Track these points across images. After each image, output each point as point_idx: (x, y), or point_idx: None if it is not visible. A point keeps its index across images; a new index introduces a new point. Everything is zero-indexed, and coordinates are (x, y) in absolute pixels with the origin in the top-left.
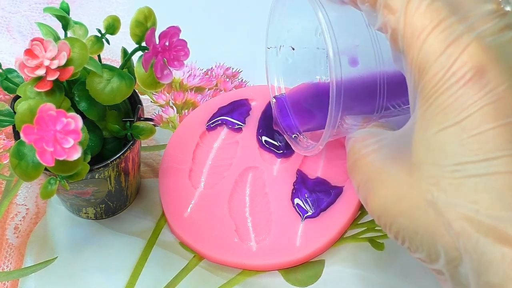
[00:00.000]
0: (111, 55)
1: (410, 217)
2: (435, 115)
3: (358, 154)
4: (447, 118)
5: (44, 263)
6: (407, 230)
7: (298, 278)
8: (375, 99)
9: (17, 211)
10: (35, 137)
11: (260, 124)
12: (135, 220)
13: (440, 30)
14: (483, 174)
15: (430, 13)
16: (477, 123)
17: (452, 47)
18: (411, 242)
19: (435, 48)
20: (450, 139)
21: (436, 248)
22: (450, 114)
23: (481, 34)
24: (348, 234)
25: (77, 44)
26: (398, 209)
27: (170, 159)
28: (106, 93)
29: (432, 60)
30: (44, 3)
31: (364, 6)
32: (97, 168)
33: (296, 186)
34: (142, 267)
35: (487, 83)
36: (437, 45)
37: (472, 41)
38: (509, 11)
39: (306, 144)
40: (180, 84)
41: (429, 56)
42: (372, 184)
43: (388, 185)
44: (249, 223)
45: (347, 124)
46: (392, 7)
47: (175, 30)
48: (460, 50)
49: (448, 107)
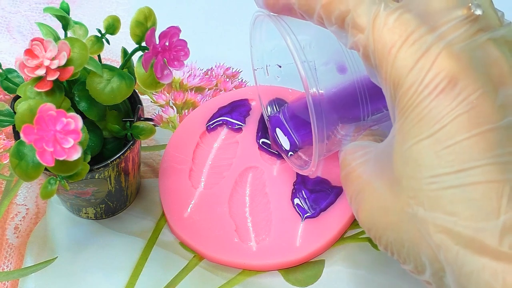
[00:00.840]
0: (111, 55)
1: (396, 230)
2: (411, 128)
3: (349, 166)
4: (421, 131)
5: (44, 263)
6: (394, 243)
7: (298, 278)
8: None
9: (17, 211)
10: (35, 137)
11: (259, 127)
12: (135, 220)
13: (410, 43)
14: (459, 185)
15: (398, 27)
16: (451, 134)
17: (423, 59)
18: (399, 255)
19: (407, 62)
20: (426, 151)
21: (421, 260)
22: (425, 126)
23: (451, 42)
24: (348, 234)
25: (77, 44)
26: (385, 222)
27: (170, 159)
28: (106, 93)
29: (405, 74)
30: (44, 3)
31: (333, 28)
32: (97, 168)
33: (296, 186)
34: (142, 267)
35: (460, 92)
36: (408, 59)
37: (441, 50)
38: (480, 15)
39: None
40: (180, 84)
41: (401, 70)
42: (362, 196)
43: (374, 199)
44: (249, 223)
45: (340, 135)
46: (359, 25)
47: (175, 30)
48: (431, 61)
49: (423, 119)
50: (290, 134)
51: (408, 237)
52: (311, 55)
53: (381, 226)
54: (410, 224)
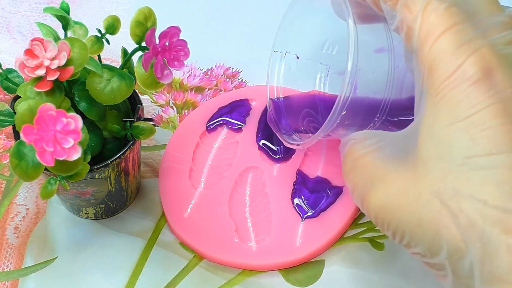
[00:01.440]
0: (111, 55)
1: (413, 211)
2: (443, 111)
3: (357, 154)
4: (455, 114)
5: (44, 263)
6: (408, 223)
7: (298, 278)
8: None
9: (17, 211)
10: (35, 137)
11: (259, 127)
12: (135, 220)
13: (453, 32)
14: (491, 167)
15: (446, 15)
16: (485, 119)
17: (463, 48)
18: (412, 236)
19: (447, 47)
20: (459, 134)
21: (438, 240)
22: (459, 110)
23: (492, 41)
24: (348, 234)
25: (77, 44)
26: (400, 204)
27: (170, 159)
28: (106, 93)
29: (443, 58)
30: (44, 3)
31: (386, 5)
32: (97, 168)
33: (296, 186)
34: (142, 267)
35: (495, 84)
36: (449, 45)
37: (483, 45)
38: None
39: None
40: (180, 84)
41: (440, 54)
42: (372, 182)
43: (389, 182)
44: (249, 223)
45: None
46: (411, 7)
47: (175, 30)
48: (471, 52)
49: (457, 103)
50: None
51: (427, 217)
52: None
53: (394, 208)
54: (432, 204)
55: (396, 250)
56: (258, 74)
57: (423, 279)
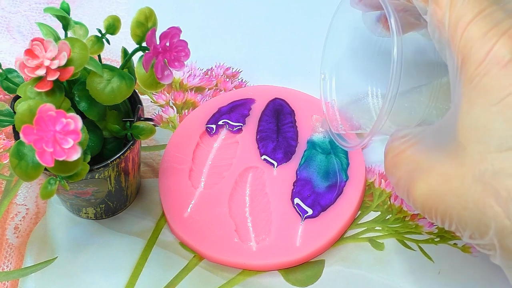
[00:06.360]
0: (111, 55)
1: (458, 194)
2: (478, 96)
3: (397, 150)
4: (489, 98)
5: (44, 263)
6: (455, 208)
7: (298, 278)
8: None
9: (17, 211)
10: (34, 137)
11: (259, 128)
12: (135, 220)
13: (481, 18)
14: None
15: (472, 3)
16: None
17: (492, 32)
18: (460, 220)
19: (476, 34)
20: (495, 117)
21: (485, 220)
22: (494, 94)
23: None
24: (348, 234)
25: (78, 44)
26: (445, 190)
27: (170, 159)
28: (106, 93)
29: (473, 44)
30: (44, 3)
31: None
32: (97, 168)
33: (296, 186)
34: (142, 267)
35: None
36: (477, 31)
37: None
38: None
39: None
40: (180, 84)
41: (470, 41)
42: (416, 173)
43: (433, 170)
44: (249, 223)
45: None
46: (439, 1)
47: (176, 30)
48: (500, 34)
49: (490, 87)
50: None
51: (473, 198)
52: None
53: (440, 194)
54: (475, 186)
55: (396, 250)
56: (258, 74)
57: (423, 279)
